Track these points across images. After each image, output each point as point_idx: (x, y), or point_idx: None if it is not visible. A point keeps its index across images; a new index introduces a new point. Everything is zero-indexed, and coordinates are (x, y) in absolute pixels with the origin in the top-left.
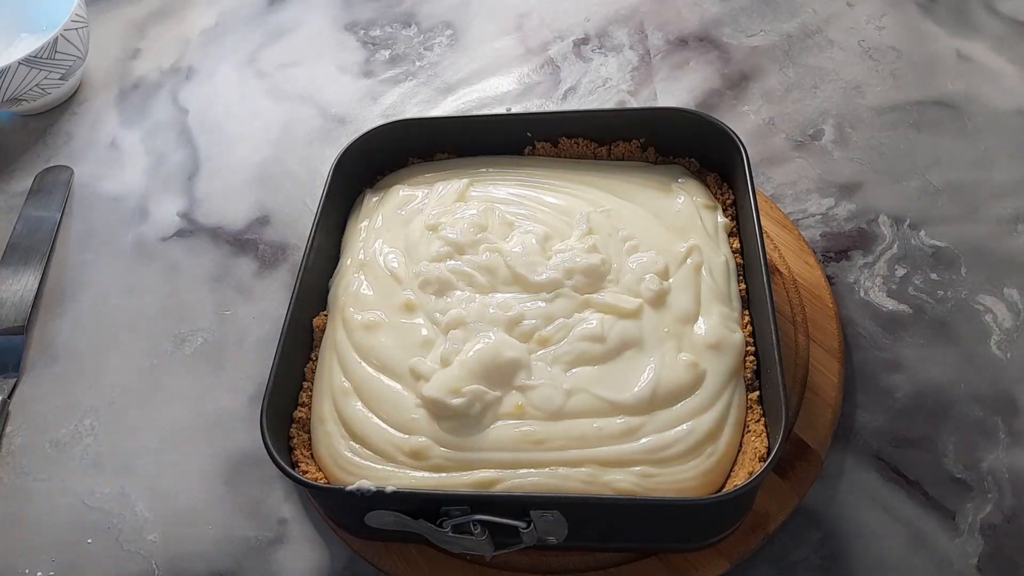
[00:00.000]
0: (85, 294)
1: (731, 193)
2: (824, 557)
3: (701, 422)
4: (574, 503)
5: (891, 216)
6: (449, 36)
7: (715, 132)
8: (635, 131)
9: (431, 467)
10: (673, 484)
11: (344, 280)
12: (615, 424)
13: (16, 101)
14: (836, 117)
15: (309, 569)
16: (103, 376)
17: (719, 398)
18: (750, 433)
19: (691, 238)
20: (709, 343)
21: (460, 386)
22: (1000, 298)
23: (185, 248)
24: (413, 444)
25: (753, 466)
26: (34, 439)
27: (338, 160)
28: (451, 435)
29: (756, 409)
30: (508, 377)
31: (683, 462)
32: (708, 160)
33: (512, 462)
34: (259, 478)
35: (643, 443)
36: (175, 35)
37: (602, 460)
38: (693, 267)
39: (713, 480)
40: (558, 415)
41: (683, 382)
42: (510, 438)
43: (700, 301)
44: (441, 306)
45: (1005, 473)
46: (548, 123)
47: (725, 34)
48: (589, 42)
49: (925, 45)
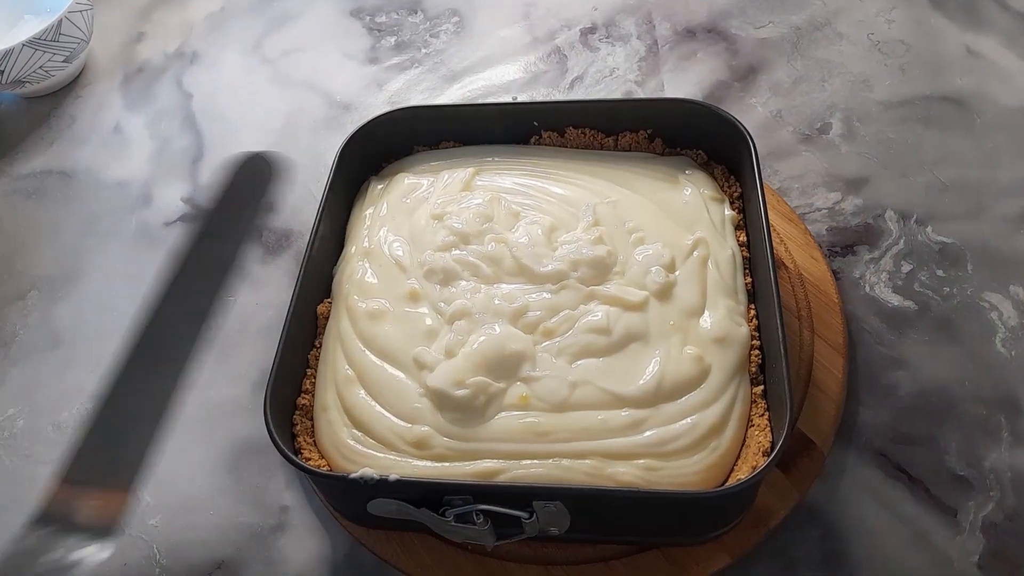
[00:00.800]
0: (88, 278)
1: (738, 186)
2: (825, 553)
3: (706, 416)
4: (577, 494)
5: (898, 212)
6: (455, 23)
7: (723, 124)
8: (642, 122)
9: (434, 456)
10: (677, 477)
11: (349, 268)
12: (620, 417)
13: (20, 83)
14: (844, 111)
15: (310, 557)
16: (105, 361)
17: (724, 392)
18: (754, 428)
19: (698, 231)
20: (715, 337)
21: (464, 378)
22: (1006, 296)
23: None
24: (416, 433)
25: (756, 460)
26: (36, 422)
27: (343, 147)
28: (454, 425)
29: (760, 403)
30: (513, 369)
31: (687, 456)
32: (716, 152)
33: (516, 453)
34: (261, 465)
35: (647, 436)
36: (179, 19)
37: (606, 452)
38: (699, 260)
39: (716, 474)
40: (562, 407)
41: (688, 376)
42: (514, 429)
43: (706, 294)
44: (446, 296)
45: (1007, 472)
46: (555, 112)
47: (733, 26)
48: (596, 31)
49: (934, 40)
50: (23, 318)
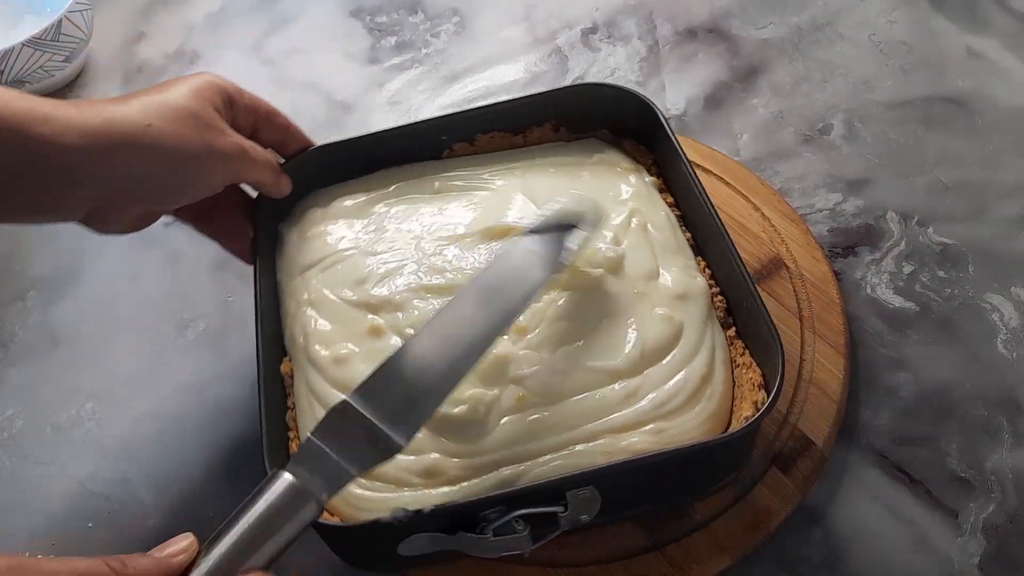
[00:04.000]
0: (87, 279)
1: (650, 154)
2: (826, 555)
3: (693, 369)
4: (609, 473)
5: (899, 212)
6: (456, 23)
7: (621, 99)
8: (544, 114)
9: (449, 481)
10: (686, 432)
11: (297, 322)
12: (615, 391)
13: (20, 83)
14: (845, 112)
15: (309, 558)
16: (105, 361)
17: (702, 343)
18: (740, 367)
19: (628, 201)
20: (676, 294)
21: (457, 395)
22: (1007, 297)
23: (188, 234)
24: (424, 463)
25: (754, 395)
26: (35, 423)
27: (257, 210)
28: (461, 444)
29: (737, 344)
30: (501, 373)
31: (688, 410)
32: (620, 129)
33: (529, 453)
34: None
35: (646, 402)
36: (180, 20)
37: (614, 428)
38: (639, 227)
39: (721, 419)
40: (559, 396)
41: (666, 335)
42: (520, 430)
43: (656, 257)
44: (409, 320)
45: (1009, 473)
46: (459, 124)
47: (734, 26)
48: (598, 31)
49: (935, 41)
50: (22, 318)
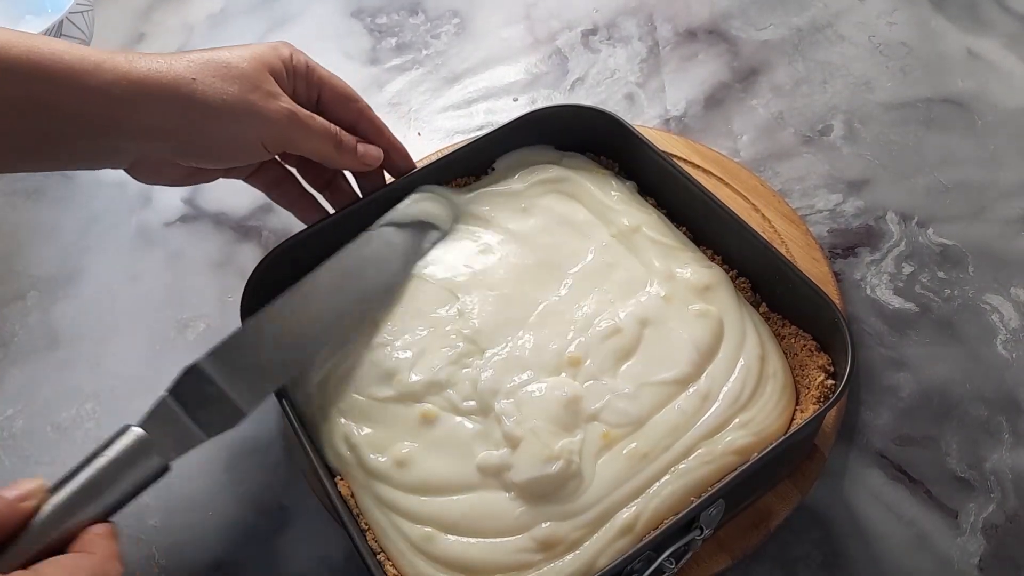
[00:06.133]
0: (87, 279)
1: (615, 164)
2: (826, 554)
3: (748, 354)
4: (736, 482)
5: (899, 213)
6: (456, 24)
7: (578, 117)
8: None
9: (570, 546)
10: (771, 415)
11: (335, 437)
12: (689, 398)
13: None
14: (845, 113)
15: (310, 557)
16: (105, 361)
17: (745, 326)
18: (785, 338)
19: (617, 216)
20: (702, 287)
21: (548, 452)
22: (1007, 298)
23: (188, 234)
24: (538, 536)
25: (816, 359)
26: (35, 423)
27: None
28: (568, 503)
29: (774, 317)
30: (576, 414)
31: (762, 393)
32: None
33: (636, 489)
34: (261, 465)
35: (723, 398)
36: (180, 20)
37: (704, 435)
38: (640, 237)
39: (791, 391)
40: (641, 420)
41: (711, 330)
42: (620, 468)
43: (667, 258)
44: (460, 393)
45: (1008, 473)
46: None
47: (734, 27)
48: (598, 32)
49: (935, 42)
50: (22, 318)
